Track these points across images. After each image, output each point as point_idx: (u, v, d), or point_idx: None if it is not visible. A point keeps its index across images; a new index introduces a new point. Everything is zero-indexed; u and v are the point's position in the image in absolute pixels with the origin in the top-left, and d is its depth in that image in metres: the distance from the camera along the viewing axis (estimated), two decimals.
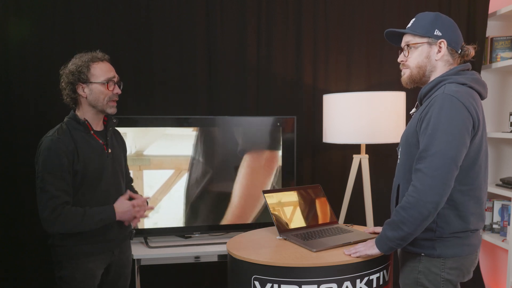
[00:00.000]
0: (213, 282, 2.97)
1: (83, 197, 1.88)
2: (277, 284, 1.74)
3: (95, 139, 1.93)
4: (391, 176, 2.27)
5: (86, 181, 1.88)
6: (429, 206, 1.51)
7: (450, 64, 1.69)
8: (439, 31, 1.65)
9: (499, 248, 3.13)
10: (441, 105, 1.54)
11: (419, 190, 1.52)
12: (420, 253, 1.65)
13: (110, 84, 1.91)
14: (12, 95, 2.68)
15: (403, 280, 1.74)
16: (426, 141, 1.54)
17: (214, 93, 2.93)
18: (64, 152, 1.82)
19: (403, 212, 1.56)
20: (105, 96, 1.90)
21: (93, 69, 1.89)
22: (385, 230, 1.65)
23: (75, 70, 1.88)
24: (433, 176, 1.50)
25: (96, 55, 1.93)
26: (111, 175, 1.96)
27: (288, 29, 2.98)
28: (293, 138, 2.70)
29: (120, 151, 2.07)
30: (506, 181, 2.94)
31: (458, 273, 1.64)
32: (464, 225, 1.62)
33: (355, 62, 3.08)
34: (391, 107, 2.62)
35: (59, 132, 1.87)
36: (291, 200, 2.24)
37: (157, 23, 2.82)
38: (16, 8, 2.66)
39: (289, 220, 2.17)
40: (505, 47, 3.06)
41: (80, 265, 1.90)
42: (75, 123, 1.91)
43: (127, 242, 2.11)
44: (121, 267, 2.07)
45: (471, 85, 1.62)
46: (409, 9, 3.08)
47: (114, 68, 1.97)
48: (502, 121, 3.18)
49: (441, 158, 1.50)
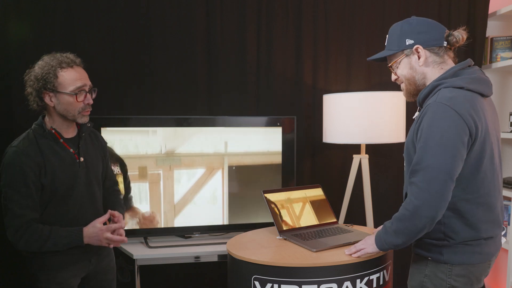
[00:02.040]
0: (213, 282, 2.97)
1: (54, 211, 1.76)
2: (277, 284, 1.75)
3: (64, 148, 1.78)
4: (391, 176, 2.28)
5: (56, 194, 1.75)
6: (424, 221, 1.49)
7: (440, 63, 1.62)
8: (410, 39, 1.60)
9: None
10: (433, 115, 1.48)
11: (415, 205, 1.50)
12: (427, 257, 1.63)
13: (79, 95, 1.73)
14: (12, 95, 2.68)
15: (410, 282, 1.72)
16: (418, 154, 1.50)
17: (214, 93, 2.92)
18: (28, 166, 1.67)
19: (399, 223, 1.56)
20: (75, 107, 1.74)
21: (61, 76, 1.70)
22: (385, 233, 1.64)
23: (40, 76, 1.70)
24: (427, 190, 1.47)
25: (65, 59, 1.74)
26: (84, 186, 1.82)
27: (288, 29, 2.98)
28: (293, 138, 2.70)
29: (96, 156, 1.92)
30: (506, 181, 2.94)
31: (465, 281, 1.59)
32: (474, 233, 1.56)
33: (355, 62, 3.08)
34: (391, 107, 2.62)
35: (24, 142, 1.71)
36: (291, 200, 2.24)
37: (157, 23, 2.82)
38: (16, 8, 2.66)
39: (289, 220, 2.17)
40: (505, 47, 3.06)
41: (55, 276, 1.79)
42: (42, 131, 1.75)
43: (105, 249, 1.96)
44: (102, 274, 1.97)
45: (469, 87, 1.53)
46: (409, 9, 3.08)
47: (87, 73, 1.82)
48: (502, 121, 3.17)
49: (433, 171, 1.46)
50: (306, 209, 2.26)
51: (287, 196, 2.25)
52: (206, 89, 2.91)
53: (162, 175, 2.54)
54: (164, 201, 2.55)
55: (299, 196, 2.28)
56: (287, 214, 2.18)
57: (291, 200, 2.24)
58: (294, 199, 2.26)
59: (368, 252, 1.76)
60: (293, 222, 2.17)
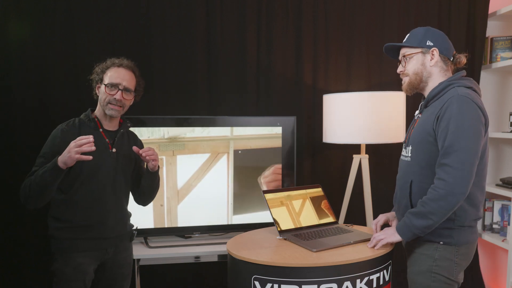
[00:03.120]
0: (213, 282, 2.97)
1: (77, 190, 1.92)
2: (277, 284, 1.75)
3: (101, 136, 1.99)
4: (391, 176, 2.28)
5: (82, 175, 1.91)
6: (459, 197, 1.66)
7: (445, 70, 1.86)
8: (431, 42, 1.83)
9: (499, 248, 3.13)
10: (459, 105, 1.68)
11: (449, 183, 1.65)
12: (439, 241, 1.77)
13: (112, 88, 1.96)
14: (12, 95, 2.68)
15: (416, 268, 1.83)
16: (451, 138, 1.67)
17: (214, 93, 2.93)
18: (64, 142, 1.85)
19: (433, 203, 1.68)
20: (105, 97, 1.97)
21: (108, 72, 2.00)
22: (411, 219, 1.75)
23: (100, 71, 2.02)
24: (461, 169, 1.64)
25: (120, 61, 2.04)
26: (109, 173, 1.98)
27: (288, 29, 2.98)
28: (293, 138, 2.70)
29: (130, 153, 2.05)
30: (506, 181, 2.94)
31: (465, 258, 1.81)
32: (476, 214, 1.79)
33: (355, 62, 3.08)
34: (391, 107, 2.62)
35: (68, 124, 1.98)
36: (291, 200, 2.25)
37: (157, 23, 2.82)
38: (16, 8, 2.66)
39: (289, 220, 2.17)
40: (505, 47, 3.06)
41: (70, 259, 1.92)
42: (86, 119, 2.01)
43: (125, 243, 2.10)
44: (117, 267, 2.07)
45: (475, 88, 1.80)
46: (409, 9, 3.08)
47: (134, 75, 2.05)
48: (502, 121, 3.18)
49: (466, 152, 1.65)
50: (306, 209, 2.26)
51: (287, 196, 2.25)
52: (206, 89, 2.91)
53: (164, 160, 2.56)
54: (167, 187, 2.57)
55: (299, 196, 2.29)
56: (287, 214, 2.18)
57: (291, 200, 2.24)
58: (294, 199, 2.26)
59: (388, 241, 1.85)
60: (293, 222, 2.17)
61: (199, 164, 2.60)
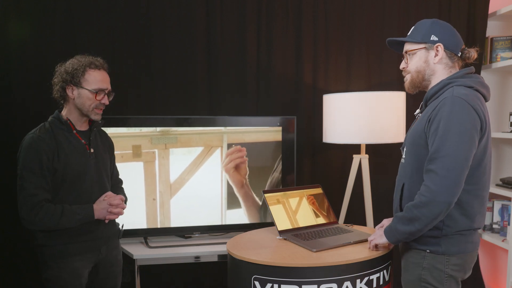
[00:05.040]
0: (213, 282, 2.97)
1: (65, 196, 1.89)
2: (277, 284, 1.75)
3: (77, 138, 1.94)
4: (391, 176, 2.27)
5: (67, 180, 1.88)
6: (441, 206, 1.56)
7: (450, 67, 1.74)
8: (436, 36, 1.71)
9: (499, 248, 3.12)
10: (451, 107, 1.58)
11: (432, 190, 1.56)
12: (425, 249, 1.69)
13: (99, 93, 1.91)
14: (12, 95, 2.68)
15: (407, 277, 1.77)
16: (438, 143, 1.57)
17: (214, 93, 2.92)
18: (44, 150, 1.83)
19: (416, 210, 1.61)
20: (91, 103, 1.91)
21: (88, 74, 1.90)
22: (396, 224, 1.70)
23: (70, 70, 1.89)
24: (446, 176, 1.55)
25: (95, 61, 1.93)
26: (94, 174, 1.96)
27: (288, 29, 2.97)
28: (293, 138, 2.70)
29: (104, 151, 2.06)
30: (506, 181, 2.94)
31: (460, 269, 1.69)
32: (469, 224, 1.66)
33: (355, 62, 3.08)
34: (391, 107, 2.62)
35: (41, 130, 1.90)
36: (291, 200, 2.25)
37: (157, 23, 2.82)
38: (16, 8, 2.66)
39: (289, 220, 2.17)
40: (505, 47, 3.05)
41: (66, 264, 1.90)
42: (58, 122, 1.93)
43: (114, 241, 2.10)
44: (110, 266, 2.07)
45: (477, 88, 1.67)
46: (409, 9, 3.08)
47: (108, 74, 1.98)
48: (502, 121, 3.17)
49: (453, 159, 1.55)
50: (306, 209, 2.26)
51: (287, 196, 2.25)
52: (206, 89, 2.91)
53: (157, 154, 2.56)
54: (159, 181, 2.56)
55: (299, 196, 2.29)
56: (287, 214, 2.18)
57: (291, 200, 2.24)
58: (294, 199, 2.26)
59: (377, 243, 1.82)
60: (293, 222, 2.17)
61: (192, 158, 2.58)
